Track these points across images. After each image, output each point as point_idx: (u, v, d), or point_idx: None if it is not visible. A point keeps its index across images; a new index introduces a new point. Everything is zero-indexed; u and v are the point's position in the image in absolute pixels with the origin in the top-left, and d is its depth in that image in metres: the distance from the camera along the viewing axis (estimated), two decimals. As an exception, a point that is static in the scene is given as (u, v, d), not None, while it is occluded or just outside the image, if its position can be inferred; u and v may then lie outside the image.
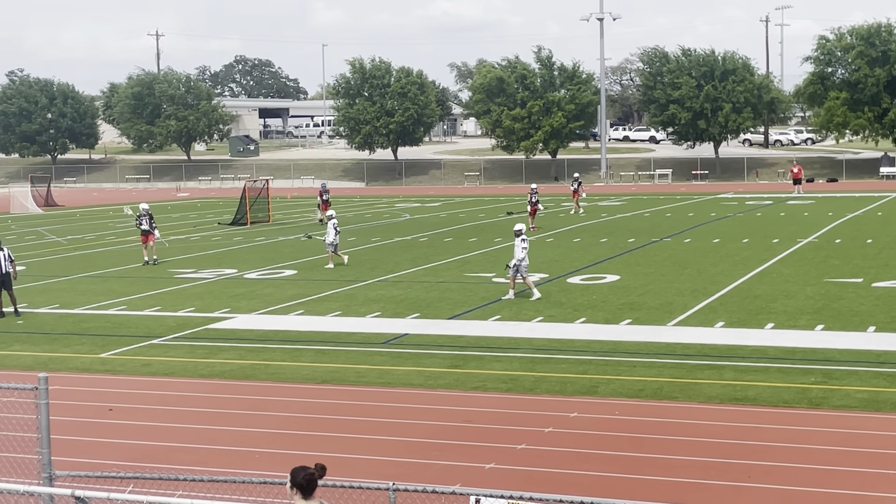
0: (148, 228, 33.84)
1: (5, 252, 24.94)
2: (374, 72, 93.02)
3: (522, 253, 25.02)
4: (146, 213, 34.03)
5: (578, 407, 15.61)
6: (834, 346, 19.16)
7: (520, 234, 25.26)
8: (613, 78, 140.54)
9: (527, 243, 25.33)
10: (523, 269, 25.14)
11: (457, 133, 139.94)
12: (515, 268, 25.09)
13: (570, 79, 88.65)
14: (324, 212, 47.79)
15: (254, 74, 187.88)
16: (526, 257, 25.13)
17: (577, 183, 53.22)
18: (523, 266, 25.08)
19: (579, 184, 53.50)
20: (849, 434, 13.99)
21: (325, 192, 50.22)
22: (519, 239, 25.16)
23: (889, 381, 16.51)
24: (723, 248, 34.95)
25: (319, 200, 49.78)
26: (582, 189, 54.21)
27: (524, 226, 26.18)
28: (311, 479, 8.08)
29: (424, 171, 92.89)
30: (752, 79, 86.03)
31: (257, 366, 18.99)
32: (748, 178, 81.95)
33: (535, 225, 42.79)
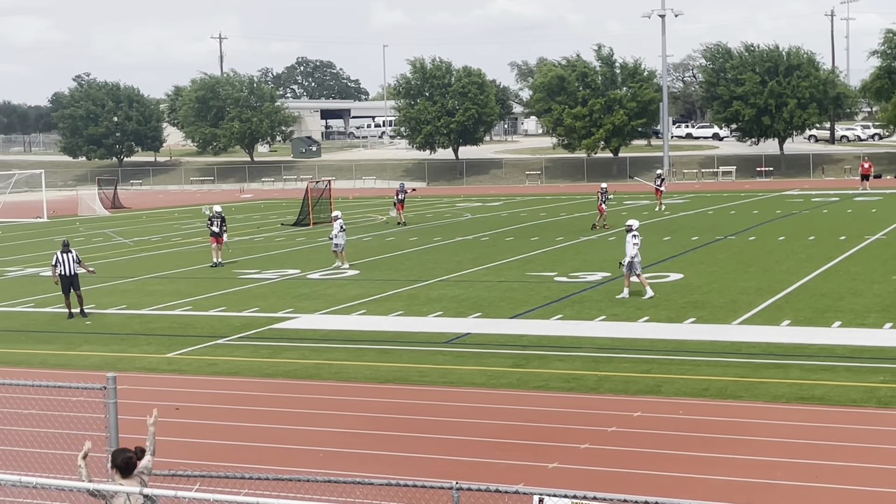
0: (218, 231, 34.11)
1: (73, 254, 25.37)
2: (435, 71, 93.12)
3: (634, 249, 24.78)
4: (218, 216, 34.33)
5: (642, 406, 15.51)
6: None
7: (631, 230, 25.02)
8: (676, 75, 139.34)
9: (639, 239, 25.06)
10: (637, 266, 24.86)
11: (517, 132, 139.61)
12: (629, 265, 24.82)
13: (631, 76, 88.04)
14: (399, 211, 47.91)
15: (315, 76, 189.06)
16: (638, 253, 24.85)
17: (660, 180, 53.26)
18: (636, 262, 24.83)
19: (662, 181, 53.56)
20: (919, 434, 13.76)
21: (401, 192, 49.40)
22: (630, 235, 24.90)
23: (960, 380, 16.20)
24: (788, 245, 34.52)
25: (395, 199, 49.12)
26: (665, 185, 53.94)
27: (636, 221, 25.88)
28: (129, 461, 8.83)
29: (485, 170, 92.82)
30: (818, 74, 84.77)
31: (321, 365, 19.11)
32: (814, 174, 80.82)
33: (607, 223, 42.45)
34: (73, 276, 25.06)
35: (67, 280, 25.01)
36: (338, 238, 32.57)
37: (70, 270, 25.00)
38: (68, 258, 25.08)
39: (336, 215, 33.79)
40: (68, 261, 25.05)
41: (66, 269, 24.99)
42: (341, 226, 32.82)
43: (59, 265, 24.97)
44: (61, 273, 24.96)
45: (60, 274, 24.97)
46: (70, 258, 25.11)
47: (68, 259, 25.07)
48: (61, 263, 24.97)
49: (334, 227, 32.89)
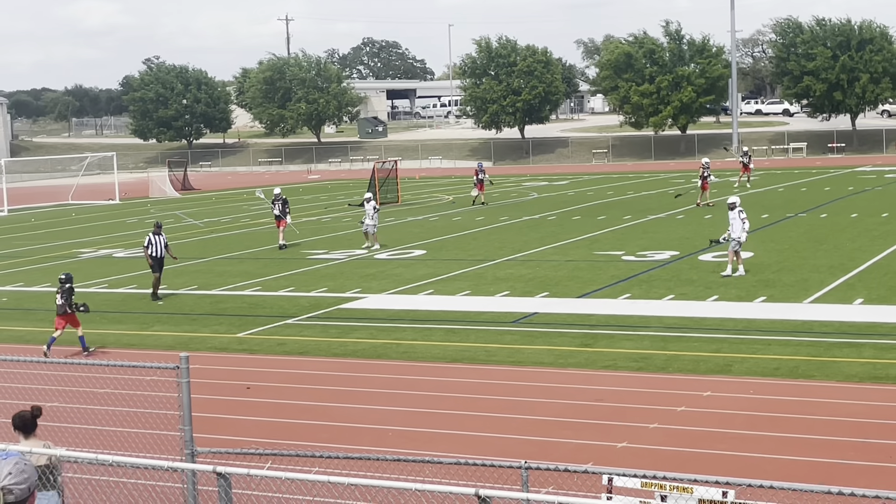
0: (280, 213, 34.18)
1: (163, 237, 25.63)
2: (500, 51, 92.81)
3: (746, 224, 24.47)
4: (280, 198, 34.39)
5: (711, 386, 15.40)
6: (980, 323, 18.48)
7: (734, 207, 24.72)
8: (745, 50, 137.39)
9: (745, 214, 24.79)
10: (736, 244, 24.42)
11: (584, 110, 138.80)
12: (738, 242, 24.41)
13: (699, 52, 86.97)
14: (480, 191, 47.60)
15: (381, 56, 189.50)
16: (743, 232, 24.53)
17: (747, 157, 52.72)
18: (741, 240, 24.43)
19: (749, 157, 53.05)
20: None
21: (480, 172, 48.23)
22: (736, 211, 24.59)
23: None
24: (861, 223, 33.95)
25: (475, 180, 48.10)
26: (752, 162, 53.62)
27: (738, 198, 25.58)
28: (24, 419, 9.25)
29: (551, 149, 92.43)
30: (891, 48, 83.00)
31: (388, 345, 19.23)
32: (887, 150, 79.29)
33: (701, 200, 41.83)
34: (161, 259, 25.35)
35: (158, 261, 25.28)
36: (371, 219, 32.74)
37: (160, 252, 25.32)
38: (159, 240, 25.39)
39: (368, 197, 33.73)
40: (159, 242, 25.37)
41: (157, 250, 25.30)
42: (375, 207, 33.07)
43: (151, 246, 25.27)
44: (153, 254, 25.24)
45: (152, 255, 25.24)
46: (161, 240, 25.42)
47: (159, 241, 25.38)
48: (153, 245, 25.28)
49: (367, 209, 32.94)
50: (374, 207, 33.21)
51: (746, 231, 24.59)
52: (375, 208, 33.29)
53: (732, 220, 24.59)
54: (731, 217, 24.70)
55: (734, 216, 24.54)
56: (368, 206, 33.20)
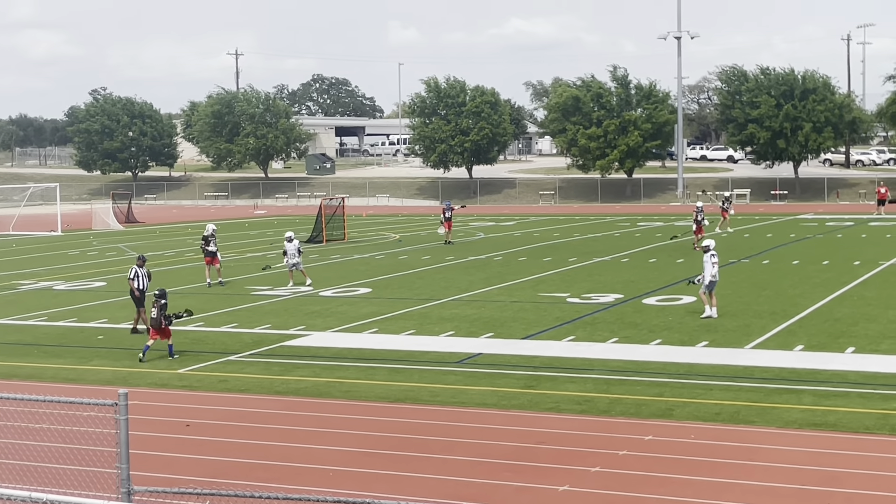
0: (214, 250, 33.57)
1: (145, 271, 25.18)
2: (449, 91, 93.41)
3: (715, 268, 24.91)
4: (213, 235, 33.83)
5: (654, 430, 15.44)
6: (917, 371, 18.73)
7: (709, 250, 25.11)
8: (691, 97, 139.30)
9: (717, 258, 25.20)
10: (713, 286, 24.98)
11: (532, 152, 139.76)
12: (712, 284, 24.89)
13: (646, 97, 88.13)
14: (447, 230, 47.42)
15: (331, 93, 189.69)
16: (717, 273, 25.04)
17: (727, 202, 53.09)
18: (713, 282, 24.95)
19: (729, 202, 53.53)
20: (933, 462, 13.66)
21: (448, 210, 47.84)
22: (709, 255, 25.01)
23: (975, 408, 16.09)
24: (802, 269, 34.41)
25: (442, 218, 47.86)
26: (732, 207, 54.02)
27: (713, 241, 25.93)
28: None
29: (499, 189, 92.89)
30: (833, 98, 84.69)
31: (332, 383, 19.09)
32: (829, 198, 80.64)
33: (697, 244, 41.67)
34: (144, 292, 24.92)
35: (142, 295, 24.86)
36: (295, 257, 32.65)
37: (145, 286, 24.91)
38: (143, 273, 24.98)
39: (290, 236, 33.26)
40: (144, 276, 24.95)
41: (142, 283, 24.87)
42: (298, 248, 32.99)
43: (136, 279, 24.86)
44: (139, 287, 24.75)
45: (139, 288, 24.72)
46: (143, 273, 24.99)
47: (144, 274, 24.96)
48: (139, 278, 24.86)
49: (290, 248, 32.75)
50: (298, 248, 32.83)
51: (713, 275, 24.82)
52: (300, 249, 32.94)
53: (704, 263, 25.02)
54: (703, 260, 25.13)
55: (706, 259, 24.94)
56: (291, 245, 32.74)
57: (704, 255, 25.23)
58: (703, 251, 25.50)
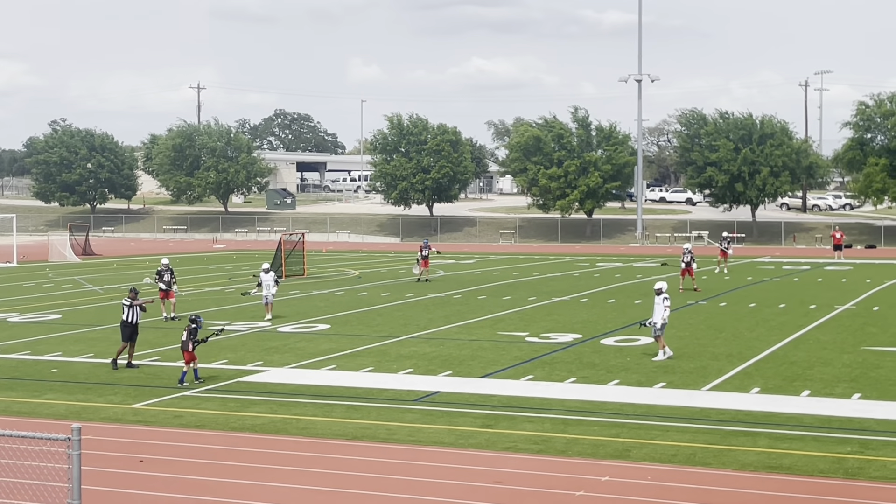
0: (167, 285, 33.37)
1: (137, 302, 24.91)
2: (412, 128, 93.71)
3: (667, 312, 24.98)
4: (167, 269, 33.73)
5: (610, 471, 15.45)
6: (871, 415, 18.90)
7: (661, 293, 25.11)
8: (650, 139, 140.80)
9: (669, 302, 25.24)
10: (662, 329, 25.06)
11: (493, 190, 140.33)
12: (663, 326, 24.98)
13: (606, 139, 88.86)
14: (423, 268, 47.22)
15: (292, 128, 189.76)
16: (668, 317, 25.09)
17: (726, 242, 53.26)
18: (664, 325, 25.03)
19: (728, 243, 53.58)
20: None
21: (425, 248, 47.53)
22: (662, 297, 25.02)
23: (927, 452, 16.24)
24: (759, 312, 34.68)
25: (419, 256, 47.46)
26: (731, 248, 54.18)
27: (665, 284, 25.89)
28: None
29: (459, 227, 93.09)
30: (791, 143, 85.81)
31: (288, 420, 18.96)
32: (785, 242, 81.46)
33: (683, 286, 41.80)
34: (135, 325, 24.64)
35: (131, 328, 24.47)
36: (270, 290, 33.17)
37: (135, 319, 24.61)
38: (133, 312, 24.61)
39: (266, 268, 33.87)
40: (134, 314, 24.61)
41: (133, 316, 24.58)
42: (275, 279, 33.68)
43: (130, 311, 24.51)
44: (130, 320, 24.47)
45: (130, 321, 24.42)
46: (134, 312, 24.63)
47: (133, 313, 24.61)
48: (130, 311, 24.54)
49: (267, 280, 33.19)
50: (275, 279, 33.39)
51: (664, 318, 24.88)
52: (276, 280, 33.48)
53: (656, 306, 25.01)
54: (655, 302, 25.12)
55: (658, 301, 24.96)
56: (268, 276, 33.11)
57: (657, 297, 25.21)
58: (655, 293, 25.38)
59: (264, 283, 33.23)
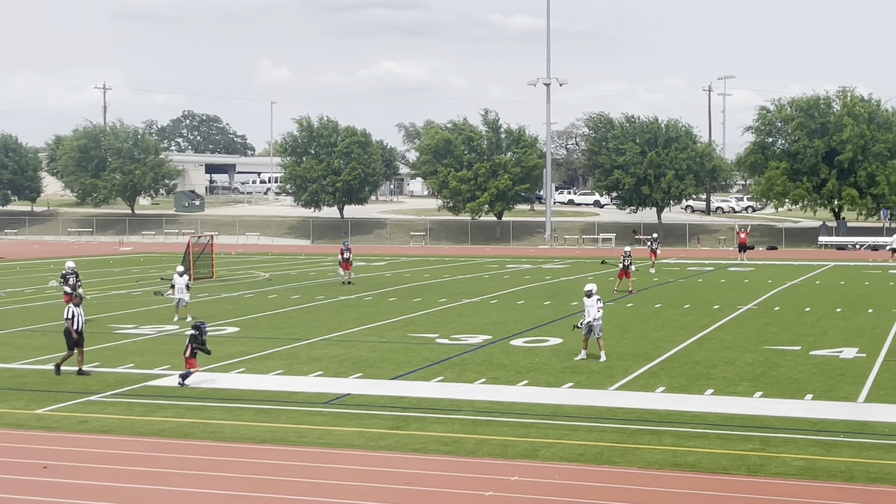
0: (72, 289, 32.87)
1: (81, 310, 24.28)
2: (322, 130, 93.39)
3: (600, 313, 25.05)
4: (73, 272, 33.18)
5: (519, 470, 15.60)
6: (772, 413, 19.36)
7: (592, 294, 25.12)
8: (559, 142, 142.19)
9: (602, 303, 25.30)
10: (598, 329, 25.12)
11: (403, 193, 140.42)
12: (589, 327, 25.04)
13: (515, 142, 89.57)
14: (345, 271, 46.93)
15: (201, 130, 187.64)
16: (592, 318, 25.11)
17: (655, 242, 54.80)
18: (599, 326, 25.08)
19: (657, 243, 55.30)
20: (785, 502, 14.11)
21: (346, 251, 47.18)
22: (595, 299, 25.06)
23: (825, 449, 16.70)
24: (664, 313, 35.26)
25: (340, 258, 47.11)
26: (658, 247, 55.67)
27: (595, 286, 25.91)
28: None
29: (370, 230, 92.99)
30: (695, 146, 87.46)
31: (196, 424, 18.77)
32: (690, 244, 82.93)
33: (618, 287, 42.32)
34: (81, 332, 23.99)
35: (77, 335, 23.85)
36: (183, 293, 33.04)
37: (81, 325, 23.97)
38: (80, 312, 24.03)
39: (181, 271, 33.74)
40: (81, 315, 24.00)
41: (78, 323, 23.95)
42: (188, 284, 33.52)
43: (74, 319, 23.87)
44: (76, 328, 23.77)
45: (76, 329, 23.74)
46: (82, 312, 24.06)
47: (81, 313, 24.02)
48: (75, 317, 23.91)
49: (180, 283, 33.01)
50: (187, 284, 33.18)
51: (596, 318, 25.04)
52: (188, 285, 33.27)
53: (589, 307, 25.12)
54: (588, 304, 25.20)
55: (591, 303, 25.07)
56: (182, 279, 32.96)
57: (588, 299, 25.20)
58: (585, 295, 25.35)
59: (177, 286, 32.93)
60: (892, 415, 19.13)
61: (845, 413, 19.33)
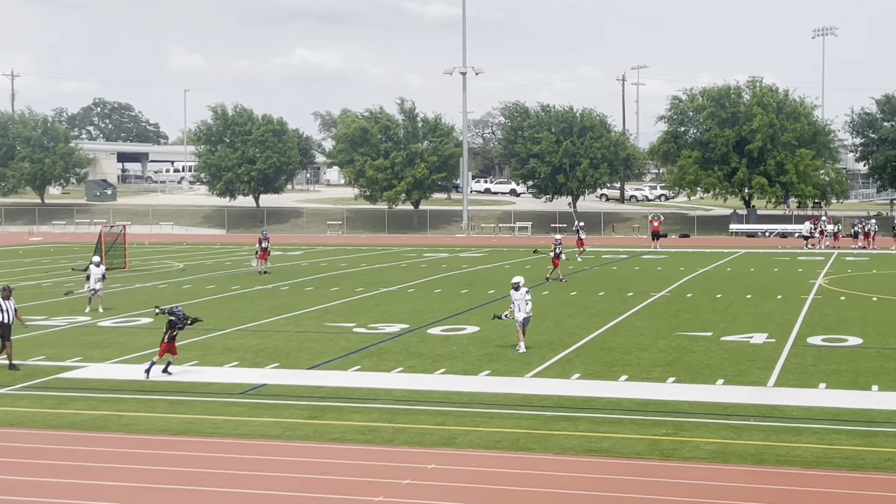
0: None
1: (13, 302, 23.60)
2: (236, 119, 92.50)
3: (529, 305, 24.98)
4: None
5: (436, 458, 15.66)
6: (684, 398, 19.69)
7: (519, 287, 25.04)
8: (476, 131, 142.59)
9: (530, 295, 25.22)
10: (527, 322, 25.03)
11: (320, 181, 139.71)
12: (527, 320, 24.97)
13: (432, 131, 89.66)
14: (261, 260, 46.43)
15: (113, 118, 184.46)
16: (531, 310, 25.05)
17: (582, 231, 56.79)
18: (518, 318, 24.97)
19: (583, 231, 57.28)
20: (697, 485, 14.37)
21: (264, 240, 46.71)
22: (524, 291, 24.97)
23: (736, 432, 17.04)
24: (580, 300, 35.61)
25: (258, 248, 46.62)
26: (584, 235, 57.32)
27: (522, 278, 25.84)
28: None
29: (286, 219, 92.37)
30: (609, 136, 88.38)
31: (109, 416, 18.52)
32: (605, 232, 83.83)
33: (551, 276, 42.56)
34: (8, 325, 23.26)
35: (4, 328, 23.12)
36: (98, 283, 32.77)
37: (9, 318, 23.23)
38: (9, 305, 23.30)
39: (97, 261, 33.51)
40: (9, 308, 23.28)
41: (7, 316, 23.20)
42: (103, 274, 33.24)
43: (1, 312, 23.20)
44: (2, 321, 23.09)
45: (2, 321, 23.07)
46: (11, 305, 23.34)
47: (9, 306, 23.30)
48: (2, 311, 23.19)
49: (96, 273, 32.73)
50: (103, 274, 32.77)
51: (528, 315, 25.09)
52: (104, 275, 32.85)
53: (518, 300, 25.04)
54: (516, 297, 25.08)
55: (519, 296, 25.00)
56: (98, 270, 32.54)
57: (516, 291, 25.12)
58: (513, 288, 25.28)
59: (93, 276, 32.51)
60: (801, 398, 19.60)
61: (755, 397, 19.74)
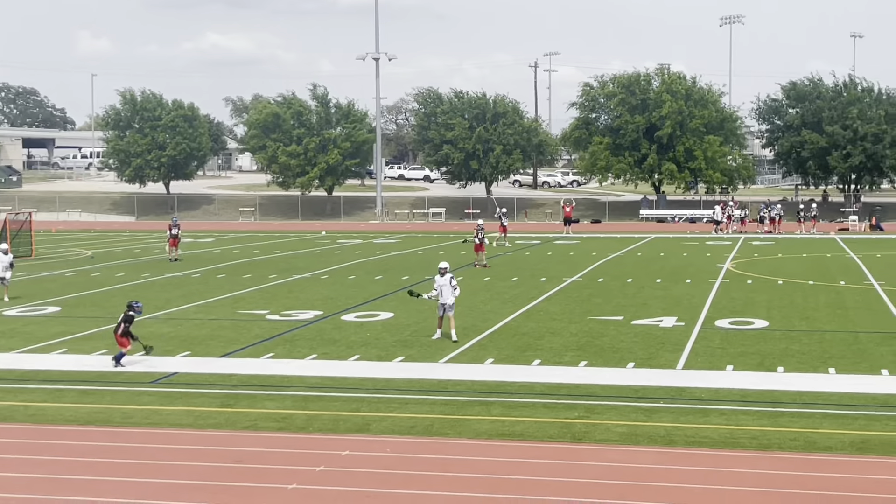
0: None
1: None
2: (145, 104, 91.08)
3: (457, 290, 24.68)
4: None
5: (350, 445, 15.65)
6: (596, 381, 19.94)
7: (445, 272, 24.70)
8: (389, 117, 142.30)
9: (455, 281, 24.90)
10: (450, 308, 24.59)
11: (232, 168, 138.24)
12: (444, 306, 24.51)
13: (345, 117, 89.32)
14: (172, 248, 45.72)
15: (18, 103, 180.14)
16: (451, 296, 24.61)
17: (504, 217, 57.23)
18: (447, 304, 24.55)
19: (504, 216, 57.78)
20: (609, 467, 14.57)
21: (175, 227, 46.07)
22: (449, 276, 24.64)
23: (647, 415, 17.31)
24: (493, 286, 35.80)
25: (168, 235, 45.99)
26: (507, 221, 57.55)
27: (448, 263, 25.62)
28: None
29: (197, 205, 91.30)
30: (522, 122, 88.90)
31: (15, 407, 18.16)
32: (518, 218, 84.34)
33: (477, 261, 42.65)
34: None
35: None
36: (6, 271, 32.42)
37: None
38: None
39: (5, 248, 32.94)
40: None
41: None
42: (11, 262, 32.83)
43: None
44: None
45: None
46: None
47: None
48: None
49: (4, 260, 32.40)
50: (11, 262, 32.22)
51: (451, 302, 24.75)
52: (11, 263, 32.30)
53: (442, 286, 24.65)
54: (441, 282, 24.70)
55: (444, 282, 24.64)
56: (6, 258, 31.97)
57: (441, 277, 24.72)
58: (439, 273, 24.89)
59: (1, 265, 31.94)
60: (709, 380, 19.97)
61: (665, 380, 20.06)
